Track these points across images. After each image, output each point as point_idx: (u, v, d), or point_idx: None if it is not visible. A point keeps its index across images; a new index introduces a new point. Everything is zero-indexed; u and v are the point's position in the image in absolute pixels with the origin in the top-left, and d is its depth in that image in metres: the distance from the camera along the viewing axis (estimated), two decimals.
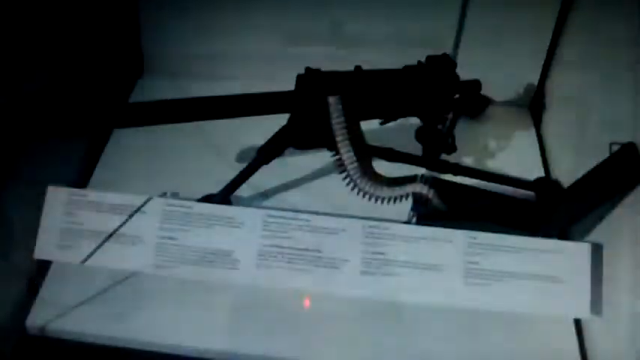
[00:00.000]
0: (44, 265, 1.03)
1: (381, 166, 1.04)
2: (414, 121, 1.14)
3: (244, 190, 1.10)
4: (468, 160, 1.28)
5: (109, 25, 1.36)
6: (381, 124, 1.10)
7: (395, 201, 1.01)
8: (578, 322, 1.02)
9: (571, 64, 1.32)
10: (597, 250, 0.96)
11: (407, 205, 1.02)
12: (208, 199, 1.07)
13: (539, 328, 1.00)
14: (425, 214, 0.99)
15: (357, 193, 1.00)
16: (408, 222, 1.04)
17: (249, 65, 1.43)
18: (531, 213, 1.06)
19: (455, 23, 1.36)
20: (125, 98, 1.42)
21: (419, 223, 0.99)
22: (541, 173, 1.28)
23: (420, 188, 1.00)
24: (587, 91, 1.19)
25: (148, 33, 1.45)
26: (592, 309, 0.93)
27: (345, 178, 0.99)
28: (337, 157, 0.99)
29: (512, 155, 1.33)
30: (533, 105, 1.46)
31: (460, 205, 1.03)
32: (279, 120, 1.03)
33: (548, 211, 1.04)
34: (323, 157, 1.06)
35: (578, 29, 1.30)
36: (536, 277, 0.92)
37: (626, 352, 0.89)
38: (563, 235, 1.08)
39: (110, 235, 0.92)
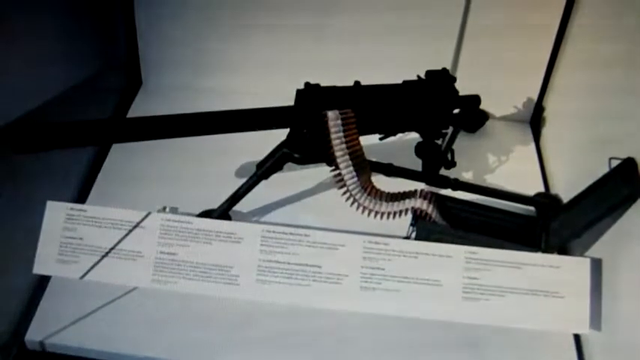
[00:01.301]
0: (43, 280, 1.03)
1: (381, 182, 1.04)
2: (414, 136, 1.15)
3: (243, 205, 1.10)
4: (467, 176, 1.28)
5: (106, 36, 1.37)
6: (381, 139, 1.11)
7: (394, 216, 1.01)
8: (577, 338, 1.02)
9: (570, 79, 1.33)
10: (597, 265, 0.96)
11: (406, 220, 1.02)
12: (207, 214, 1.07)
13: (539, 343, 1.00)
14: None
15: (357, 209, 1.00)
16: (407, 237, 1.04)
17: (248, 77, 1.44)
18: (531, 228, 1.06)
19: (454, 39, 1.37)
20: (124, 111, 1.43)
21: (418, 238, 0.99)
22: (541, 188, 1.28)
23: (419, 204, 1.00)
24: (587, 106, 1.20)
25: (147, 43, 1.46)
26: (591, 324, 0.92)
27: (345, 193, 1.00)
28: (336, 172, 0.99)
29: (512, 170, 1.33)
30: (533, 120, 1.46)
31: (460, 220, 1.03)
32: (279, 135, 1.04)
33: (548, 226, 1.04)
34: (322, 172, 1.06)
35: (577, 45, 1.31)
36: (535, 293, 0.92)
37: None
38: (563, 250, 1.08)
39: (109, 251, 0.92)
